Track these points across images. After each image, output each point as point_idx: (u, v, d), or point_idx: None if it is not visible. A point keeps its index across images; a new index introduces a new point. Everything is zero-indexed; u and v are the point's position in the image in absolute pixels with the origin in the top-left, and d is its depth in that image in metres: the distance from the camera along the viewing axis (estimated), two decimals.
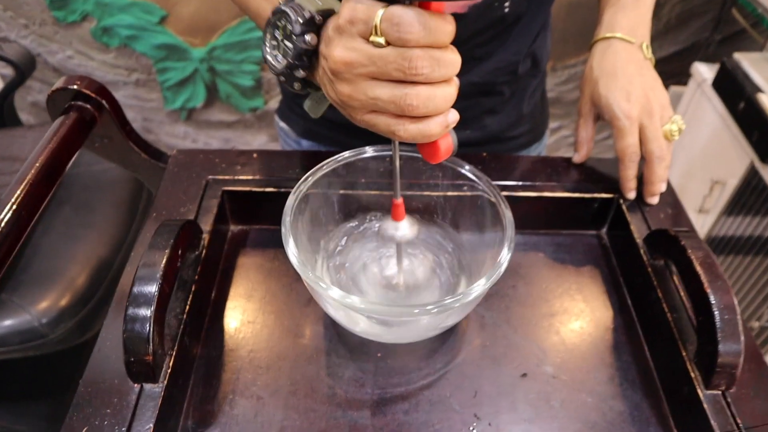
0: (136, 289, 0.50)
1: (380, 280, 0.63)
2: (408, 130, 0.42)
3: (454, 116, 0.44)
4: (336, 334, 0.62)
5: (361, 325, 0.56)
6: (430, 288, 0.63)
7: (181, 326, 0.55)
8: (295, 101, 0.87)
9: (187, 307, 0.57)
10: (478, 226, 0.63)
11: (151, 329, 0.49)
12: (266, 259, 0.69)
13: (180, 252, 0.55)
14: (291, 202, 0.56)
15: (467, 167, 0.61)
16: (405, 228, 0.57)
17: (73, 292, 1.17)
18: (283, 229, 0.54)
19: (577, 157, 0.74)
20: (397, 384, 0.58)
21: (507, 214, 0.57)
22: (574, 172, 0.74)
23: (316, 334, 0.62)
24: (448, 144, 0.45)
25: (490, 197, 0.59)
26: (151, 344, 0.49)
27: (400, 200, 0.56)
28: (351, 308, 0.50)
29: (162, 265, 0.51)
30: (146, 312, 0.49)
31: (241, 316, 0.63)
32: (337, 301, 0.49)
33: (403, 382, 0.59)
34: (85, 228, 1.32)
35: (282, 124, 0.92)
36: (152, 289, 0.50)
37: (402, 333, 0.58)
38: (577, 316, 0.65)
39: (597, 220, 0.74)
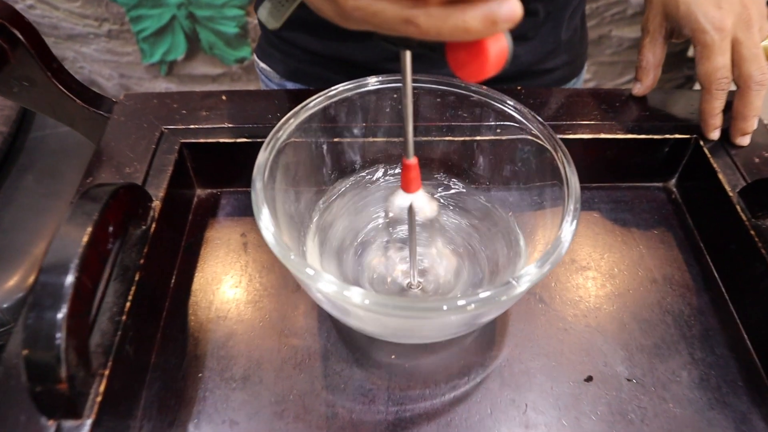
0: (39, 287, 0.34)
1: (387, 277, 0.48)
2: (433, 16, 0.25)
3: (509, 9, 0.25)
4: (335, 330, 0.47)
5: (367, 325, 0.40)
6: (457, 285, 0.47)
7: (120, 331, 0.40)
8: (277, 35, 0.70)
9: (128, 303, 0.41)
10: (522, 184, 0.47)
11: (63, 344, 0.33)
12: (243, 230, 0.54)
13: (112, 229, 0.39)
14: (264, 158, 0.40)
15: (510, 102, 0.45)
16: (421, 204, 0.39)
17: None
18: (253, 196, 0.38)
19: (640, 88, 0.58)
20: (419, 397, 0.43)
21: (568, 168, 0.41)
22: (635, 108, 0.57)
23: (308, 331, 0.47)
24: (501, 48, 0.27)
25: (543, 143, 0.43)
26: (64, 366, 0.33)
27: (413, 161, 0.37)
28: (352, 306, 0.34)
29: (80, 250, 0.35)
30: (55, 319, 0.33)
31: (210, 310, 0.48)
32: (331, 297, 0.34)
33: (427, 394, 0.43)
34: (50, 198, 1.18)
35: (262, 65, 0.76)
36: (64, 284, 0.34)
37: (423, 334, 0.42)
38: (653, 295, 0.50)
39: (665, 169, 0.58)
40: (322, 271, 0.34)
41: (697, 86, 0.55)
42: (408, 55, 0.31)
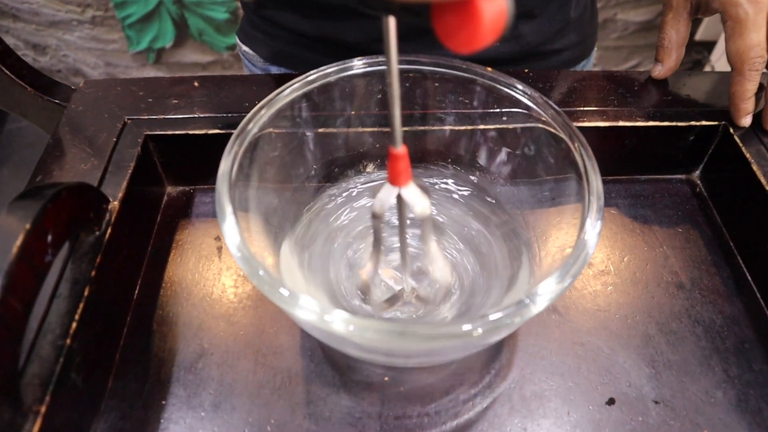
0: None
1: (377, 283, 0.42)
2: None
3: None
4: (320, 348, 0.41)
5: (354, 350, 0.34)
6: (456, 292, 0.41)
7: (62, 358, 0.34)
8: (260, 15, 0.64)
9: (74, 324, 0.35)
10: (531, 178, 0.41)
11: None
12: (217, 233, 0.48)
13: (51, 238, 0.33)
14: (230, 157, 0.34)
15: (519, 86, 0.39)
16: (411, 199, 0.32)
17: None
18: (217, 202, 0.32)
19: (660, 70, 0.51)
20: (415, 427, 0.37)
21: (588, 161, 0.35)
22: (655, 92, 0.51)
23: (289, 350, 0.41)
24: (497, 8, 0.21)
25: (557, 131, 0.37)
26: None
27: (402, 150, 0.31)
28: (335, 333, 0.28)
29: (6, 266, 0.30)
30: None
31: (177, 326, 0.42)
32: (311, 323, 0.28)
33: (426, 423, 0.38)
34: None
35: (245, 48, 0.69)
36: None
37: (420, 360, 0.36)
38: (681, 303, 0.44)
39: (688, 159, 0.52)
40: (297, 293, 0.28)
41: (707, 68, 0.49)
42: (391, 22, 0.25)
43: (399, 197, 0.32)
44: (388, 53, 0.27)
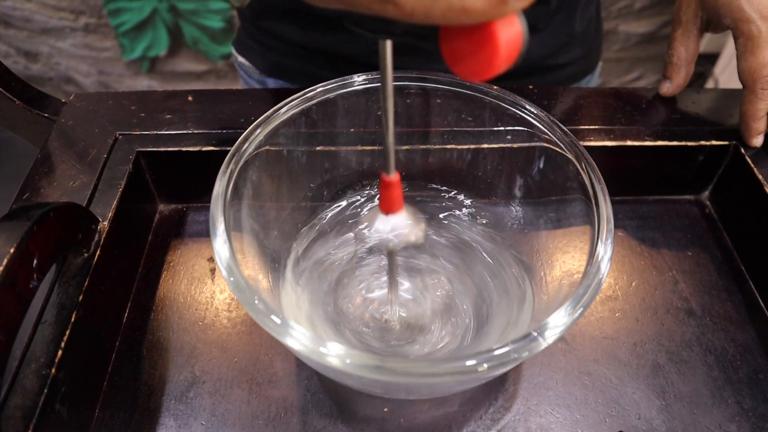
0: None
1: (364, 312, 0.40)
2: None
3: None
4: (317, 377, 0.39)
5: (352, 381, 0.33)
6: (451, 321, 0.40)
7: (47, 389, 0.32)
8: (257, 25, 0.62)
9: (60, 351, 0.33)
10: (536, 199, 0.40)
11: None
12: (210, 254, 0.46)
13: (37, 262, 0.31)
14: (223, 186, 0.32)
15: (526, 105, 0.37)
16: (402, 226, 0.31)
17: None
18: (211, 225, 0.30)
19: (669, 87, 0.50)
20: None
21: (597, 183, 0.33)
22: (663, 110, 0.50)
23: (284, 379, 0.39)
24: (513, 34, 0.19)
25: (564, 152, 0.35)
26: None
27: (395, 177, 0.29)
28: (332, 369, 0.27)
29: None
30: None
31: (167, 352, 0.40)
32: (304, 354, 0.26)
33: None
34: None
35: (241, 60, 0.68)
36: None
37: (421, 393, 0.35)
38: (691, 331, 0.42)
39: (698, 180, 0.50)
40: (291, 322, 0.26)
41: (709, 84, 0.48)
42: (388, 45, 0.24)
43: (390, 223, 0.31)
44: (384, 78, 0.25)
